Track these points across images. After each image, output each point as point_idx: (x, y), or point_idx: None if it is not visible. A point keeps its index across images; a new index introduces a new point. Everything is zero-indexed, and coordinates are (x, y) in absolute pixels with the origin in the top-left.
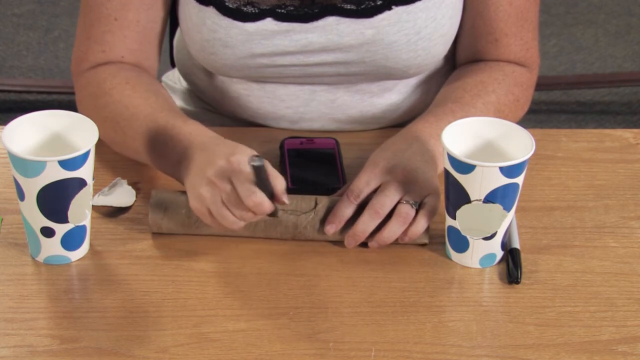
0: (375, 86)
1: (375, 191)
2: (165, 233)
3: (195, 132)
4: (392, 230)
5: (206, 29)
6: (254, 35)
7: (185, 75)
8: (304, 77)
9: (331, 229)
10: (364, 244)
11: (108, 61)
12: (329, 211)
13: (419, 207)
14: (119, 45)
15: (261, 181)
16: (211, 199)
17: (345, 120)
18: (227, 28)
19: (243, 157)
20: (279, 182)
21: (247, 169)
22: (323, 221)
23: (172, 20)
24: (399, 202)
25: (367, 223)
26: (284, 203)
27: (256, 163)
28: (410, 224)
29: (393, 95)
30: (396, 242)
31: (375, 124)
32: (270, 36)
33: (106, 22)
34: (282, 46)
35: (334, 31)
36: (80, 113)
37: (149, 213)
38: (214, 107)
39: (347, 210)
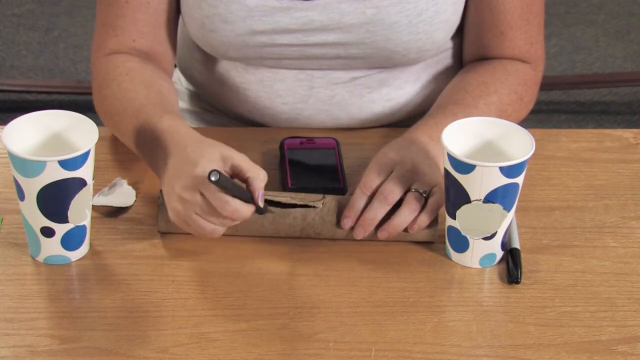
0: (373, 80)
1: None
2: (166, 232)
3: (170, 130)
4: (403, 217)
5: (206, 4)
6: (254, 11)
7: (185, 70)
8: (302, 60)
9: (348, 222)
10: (368, 242)
11: (121, 46)
12: (338, 204)
13: (427, 196)
14: (131, 28)
15: (230, 190)
16: (185, 213)
17: (345, 117)
18: (227, 3)
19: (207, 167)
20: (255, 184)
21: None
22: (331, 214)
23: None
24: (408, 191)
25: (376, 210)
26: (258, 206)
27: (213, 178)
28: (420, 212)
29: (392, 91)
30: (405, 232)
31: (375, 121)
32: (270, 13)
33: (118, 6)
34: (282, 23)
35: (335, 10)
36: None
37: (157, 213)
38: (213, 104)
39: (361, 201)
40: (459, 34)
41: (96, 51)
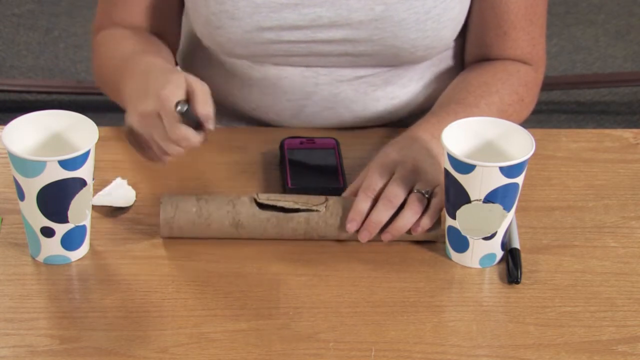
0: (379, 79)
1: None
2: (169, 237)
3: (147, 64)
4: (406, 219)
5: (213, 1)
6: (261, 8)
7: (188, 67)
8: (310, 57)
9: (352, 226)
10: (368, 242)
11: (119, 25)
12: (341, 207)
13: (430, 196)
14: (129, 15)
15: (189, 120)
16: (139, 132)
17: (348, 115)
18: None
19: (171, 91)
20: (204, 109)
21: (173, 105)
22: (334, 217)
23: None
24: (410, 192)
25: (381, 213)
26: (209, 129)
27: (181, 108)
28: (423, 213)
29: (396, 89)
30: (408, 234)
31: (377, 119)
32: (278, 9)
33: None
34: (290, 20)
35: (343, 6)
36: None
37: (160, 214)
38: (216, 101)
39: (365, 204)
40: (463, 33)
41: (95, 29)
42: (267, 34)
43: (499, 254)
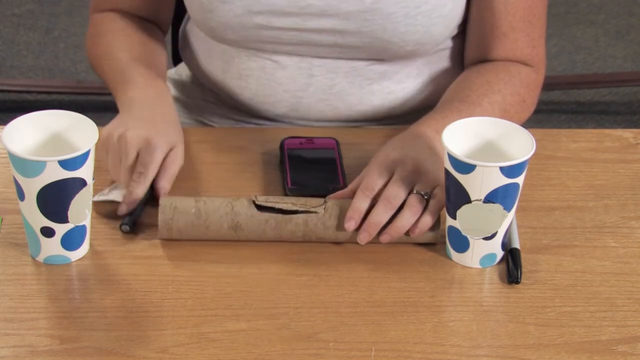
0: (374, 72)
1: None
2: (167, 239)
3: (146, 91)
4: (405, 219)
5: None
6: None
7: (190, 60)
8: (300, 46)
9: (352, 224)
10: (368, 242)
11: (116, 9)
12: (339, 209)
13: (428, 197)
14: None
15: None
16: (114, 147)
17: (344, 108)
18: None
19: (159, 144)
20: (165, 185)
21: (153, 156)
22: (333, 219)
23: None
24: (409, 193)
25: (381, 214)
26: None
27: (123, 230)
28: (421, 214)
29: (392, 84)
30: (407, 236)
31: (374, 114)
32: None
33: None
34: (280, 5)
35: None
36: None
37: (159, 215)
38: (214, 93)
39: (364, 204)
40: (462, 33)
41: (93, 7)
42: (256, 18)
43: (499, 254)
